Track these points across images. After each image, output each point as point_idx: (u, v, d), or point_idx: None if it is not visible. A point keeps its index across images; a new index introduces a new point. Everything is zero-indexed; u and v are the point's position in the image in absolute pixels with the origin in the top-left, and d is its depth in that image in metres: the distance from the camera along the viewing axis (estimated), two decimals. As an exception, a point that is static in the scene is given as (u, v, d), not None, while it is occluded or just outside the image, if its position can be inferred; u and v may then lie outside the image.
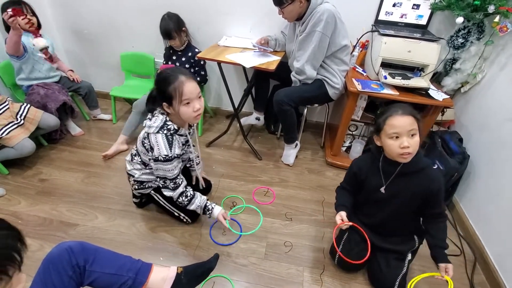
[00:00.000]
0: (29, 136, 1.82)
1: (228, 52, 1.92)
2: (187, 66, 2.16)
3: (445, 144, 1.81)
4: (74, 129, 2.26)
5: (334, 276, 1.40)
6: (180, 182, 1.38)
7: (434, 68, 1.75)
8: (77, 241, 0.98)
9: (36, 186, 1.79)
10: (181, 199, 1.39)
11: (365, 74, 1.95)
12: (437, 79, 1.97)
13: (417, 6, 1.89)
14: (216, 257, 1.24)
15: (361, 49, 2.03)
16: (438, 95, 1.73)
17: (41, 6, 2.20)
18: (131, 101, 2.67)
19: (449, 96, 1.77)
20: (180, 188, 1.38)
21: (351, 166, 1.33)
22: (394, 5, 1.91)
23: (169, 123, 1.29)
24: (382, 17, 1.95)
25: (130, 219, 1.61)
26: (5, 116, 1.78)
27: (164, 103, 1.26)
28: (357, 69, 2.00)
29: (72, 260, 0.92)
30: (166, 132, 1.28)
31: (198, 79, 2.20)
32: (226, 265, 1.41)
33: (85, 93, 2.28)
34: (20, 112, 1.82)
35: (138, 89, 2.37)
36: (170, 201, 1.52)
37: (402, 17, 1.94)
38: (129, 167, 1.49)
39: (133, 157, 1.47)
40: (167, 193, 1.39)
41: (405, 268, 1.28)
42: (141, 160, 1.44)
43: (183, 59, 2.15)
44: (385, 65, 1.81)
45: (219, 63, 1.89)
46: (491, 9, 1.56)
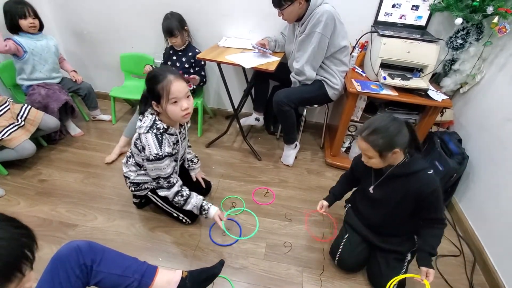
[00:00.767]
0: (29, 137, 1.82)
1: (228, 53, 1.92)
2: (187, 66, 2.16)
3: (444, 145, 1.81)
4: (74, 130, 2.27)
5: (334, 277, 1.40)
6: (175, 182, 1.38)
7: (433, 69, 1.76)
8: (85, 241, 0.99)
9: (36, 187, 1.78)
10: (177, 199, 1.39)
11: (365, 75, 1.95)
12: (436, 80, 1.97)
13: (416, 7, 1.89)
14: (221, 263, 1.24)
15: (361, 50, 2.04)
16: (437, 96, 1.73)
17: (41, 7, 2.20)
18: (131, 102, 2.67)
19: (448, 97, 1.78)
20: (175, 187, 1.37)
21: (352, 161, 1.40)
22: (393, 6, 1.91)
23: (158, 123, 1.29)
24: (382, 18, 1.96)
25: (130, 220, 1.61)
26: (6, 118, 1.78)
27: (153, 102, 1.27)
28: (357, 70, 2.01)
29: (80, 260, 0.93)
30: (156, 132, 1.28)
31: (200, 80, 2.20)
32: (226, 266, 1.41)
33: (85, 94, 2.28)
34: (21, 113, 1.82)
35: (138, 90, 2.37)
36: (167, 202, 1.52)
37: (401, 18, 1.94)
38: (125, 169, 1.50)
39: (128, 159, 1.48)
40: (162, 193, 1.38)
41: (405, 269, 1.29)
42: (135, 162, 1.45)
43: (184, 59, 2.16)
44: (384, 66, 1.81)
45: (219, 64, 1.89)
46: (490, 10, 1.57)
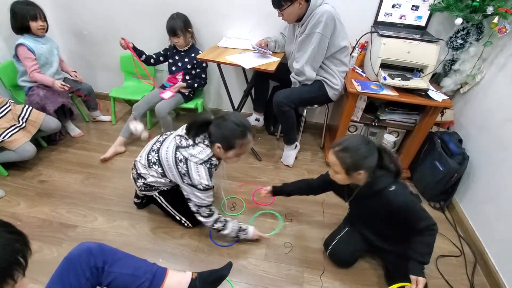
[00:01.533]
0: (30, 139, 1.81)
1: (228, 53, 1.92)
2: (189, 67, 2.16)
3: (445, 145, 1.81)
4: (74, 131, 2.27)
5: (334, 277, 1.40)
6: (214, 209, 1.40)
7: (433, 69, 1.76)
8: (96, 243, 1.00)
9: (36, 188, 1.78)
10: (217, 225, 1.41)
11: (365, 75, 1.95)
12: (436, 80, 1.97)
13: (416, 7, 1.89)
14: (230, 265, 1.24)
15: (361, 50, 2.04)
16: (437, 96, 1.73)
17: (41, 7, 2.20)
18: (131, 102, 2.67)
19: (449, 97, 1.77)
20: (215, 215, 1.40)
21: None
22: (393, 6, 1.91)
23: (214, 159, 1.32)
24: (381, 18, 1.96)
25: (130, 220, 1.61)
26: (7, 119, 1.78)
27: (218, 145, 1.27)
28: (357, 70, 2.01)
29: (91, 261, 0.94)
30: (209, 166, 1.31)
31: (197, 82, 2.19)
32: (226, 266, 1.42)
33: (85, 95, 2.28)
34: (22, 115, 1.82)
35: (138, 90, 2.37)
36: (172, 204, 1.51)
37: (401, 18, 1.94)
38: (144, 171, 1.43)
39: (151, 165, 1.41)
40: (201, 219, 1.40)
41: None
42: (162, 172, 1.40)
43: (186, 60, 2.16)
44: (385, 66, 1.81)
45: (219, 64, 1.89)
46: (490, 10, 1.57)
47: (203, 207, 1.35)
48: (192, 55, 2.14)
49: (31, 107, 1.87)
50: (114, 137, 2.14)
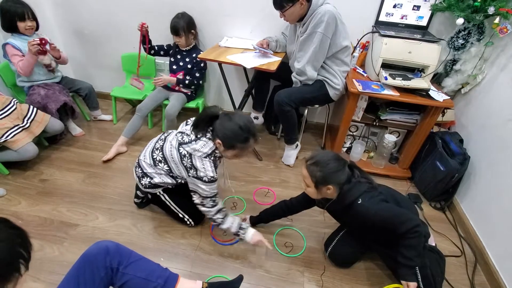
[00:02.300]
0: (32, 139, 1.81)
1: (229, 53, 1.93)
2: (190, 67, 2.17)
3: (446, 145, 1.81)
4: (75, 130, 2.27)
5: (335, 277, 1.40)
6: (218, 200, 1.41)
7: (435, 69, 1.76)
8: (114, 242, 1.02)
9: (37, 186, 1.79)
10: (218, 216, 1.40)
11: (366, 75, 1.95)
12: (438, 80, 1.97)
13: (418, 7, 1.89)
14: (240, 279, 1.24)
15: (362, 50, 2.04)
16: (439, 96, 1.73)
17: (42, 7, 2.20)
18: (132, 102, 2.68)
19: (450, 97, 1.77)
20: (219, 205, 1.40)
21: None
22: (395, 6, 1.91)
23: (217, 151, 1.33)
24: (383, 18, 1.96)
25: (131, 220, 1.61)
26: (11, 119, 1.77)
27: (219, 141, 1.28)
28: (358, 70, 2.01)
29: (107, 261, 0.95)
30: (213, 159, 1.33)
31: (189, 80, 2.15)
32: (227, 266, 1.42)
33: (86, 94, 2.28)
34: (28, 115, 1.82)
35: (139, 90, 2.37)
36: (176, 202, 1.52)
37: (403, 18, 1.94)
38: (150, 170, 1.43)
39: (157, 163, 1.41)
40: (203, 209, 1.40)
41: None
42: (168, 168, 1.40)
43: (187, 59, 2.16)
44: (386, 66, 1.81)
45: (220, 64, 1.89)
46: (491, 11, 1.57)
47: (208, 198, 1.36)
48: (194, 56, 2.14)
49: (36, 108, 1.87)
50: (115, 136, 2.14)
